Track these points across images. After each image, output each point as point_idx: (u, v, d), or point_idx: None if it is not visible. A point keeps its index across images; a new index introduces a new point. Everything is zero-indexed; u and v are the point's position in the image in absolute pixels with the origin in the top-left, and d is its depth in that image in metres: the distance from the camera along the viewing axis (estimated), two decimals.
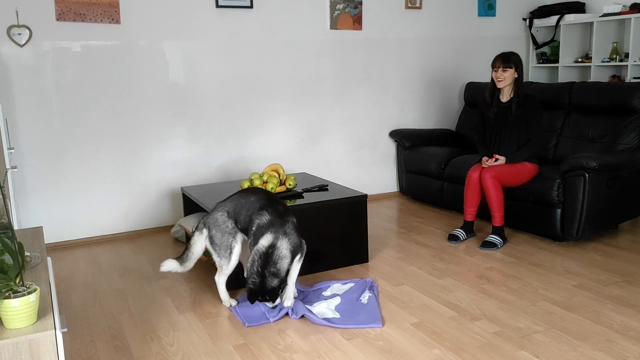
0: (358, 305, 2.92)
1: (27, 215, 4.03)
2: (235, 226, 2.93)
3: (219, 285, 3.00)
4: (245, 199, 2.95)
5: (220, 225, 2.91)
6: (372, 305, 2.90)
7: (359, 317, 2.78)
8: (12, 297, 1.47)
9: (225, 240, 2.90)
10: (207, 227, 2.94)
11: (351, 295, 3.04)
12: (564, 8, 5.45)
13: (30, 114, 3.96)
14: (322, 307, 2.92)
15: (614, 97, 4.16)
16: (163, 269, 2.97)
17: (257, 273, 2.73)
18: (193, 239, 2.98)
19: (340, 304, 2.94)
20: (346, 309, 2.88)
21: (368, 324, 2.71)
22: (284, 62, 4.72)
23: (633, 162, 3.83)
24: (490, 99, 4.01)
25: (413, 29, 5.22)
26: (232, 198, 3.00)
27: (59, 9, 3.90)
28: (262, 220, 2.81)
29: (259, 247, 2.76)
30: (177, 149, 4.43)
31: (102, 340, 2.69)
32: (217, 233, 2.91)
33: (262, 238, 2.77)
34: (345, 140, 5.10)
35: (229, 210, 2.95)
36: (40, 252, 2.09)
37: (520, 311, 2.83)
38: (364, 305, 2.91)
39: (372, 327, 2.69)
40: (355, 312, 2.84)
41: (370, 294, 3.02)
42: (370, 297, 2.99)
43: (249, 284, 2.75)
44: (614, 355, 2.39)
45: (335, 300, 2.98)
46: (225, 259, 2.91)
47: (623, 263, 3.47)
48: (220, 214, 2.94)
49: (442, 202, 4.77)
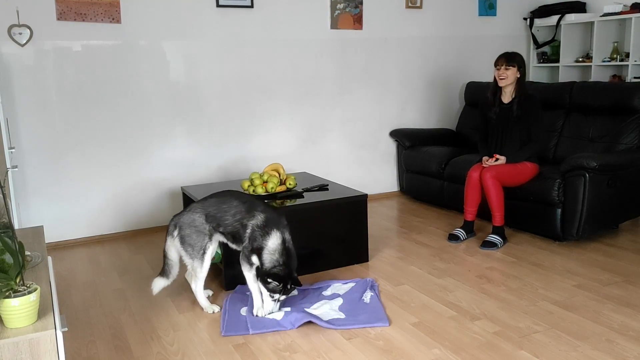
0: (361, 304, 2.92)
1: (28, 214, 4.04)
2: (214, 229, 2.90)
3: (196, 293, 2.95)
4: (227, 204, 2.91)
5: (196, 226, 2.88)
6: (376, 304, 2.90)
7: (363, 316, 2.78)
8: (12, 297, 1.47)
9: (200, 241, 2.87)
10: (178, 228, 2.90)
11: (353, 295, 3.03)
12: (564, 7, 5.44)
13: (31, 114, 3.96)
14: (325, 308, 2.89)
15: (615, 97, 4.16)
16: (155, 291, 2.97)
17: (282, 264, 2.74)
18: (166, 245, 2.95)
19: (344, 304, 2.93)
20: (350, 309, 2.87)
21: (373, 323, 2.70)
22: (285, 61, 4.72)
23: (633, 162, 3.83)
24: (492, 98, 4.01)
25: (414, 28, 5.22)
26: (211, 202, 2.95)
27: (59, 9, 3.90)
28: (257, 221, 2.81)
29: (271, 247, 2.75)
30: (177, 148, 4.44)
31: (102, 339, 2.69)
32: (191, 233, 2.87)
33: (269, 238, 2.76)
34: (345, 140, 5.10)
35: (207, 214, 2.90)
36: (41, 251, 2.10)
37: (520, 311, 2.83)
38: (367, 305, 2.90)
39: (378, 326, 2.69)
40: (359, 311, 2.84)
41: (372, 293, 3.03)
42: (373, 297, 2.99)
43: (274, 272, 2.72)
44: (614, 355, 2.39)
45: (337, 300, 2.97)
46: (198, 260, 2.87)
47: (623, 263, 3.47)
48: (198, 215, 2.90)
49: (443, 202, 4.77)
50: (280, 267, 2.75)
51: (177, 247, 2.92)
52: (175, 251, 2.94)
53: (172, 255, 2.95)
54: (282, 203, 3.44)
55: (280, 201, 3.48)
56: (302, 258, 3.42)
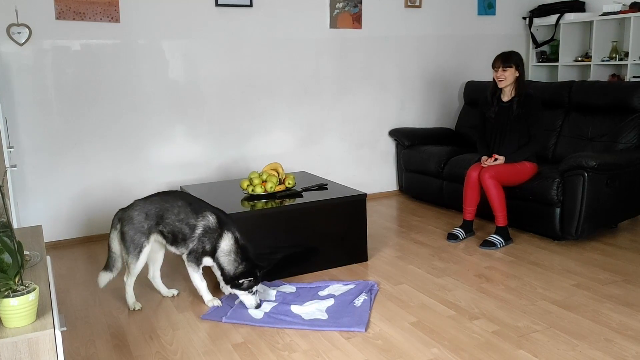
0: (350, 308, 2.88)
1: (27, 214, 4.03)
2: (154, 228, 2.92)
3: (126, 286, 2.99)
4: (171, 203, 2.92)
5: (135, 223, 2.89)
6: (363, 309, 2.86)
7: (344, 319, 2.75)
8: (11, 296, 1.47)
9: (138, 238, 2.89)
10: (121, 222, 2.93)
11: (347, 297, 3.00)
12: (563, 7, 5.44)
13: (30, 113, 3.96)
14: (312, 307, 2.89)
15: (614, 96, 4.16)
16: (101, 285, 3.02)
17: (241, 262, 2.82)
18: (110, 237, 2.99)
19: (332, 306, 2.91)
20: (336, 311, 2.85)
21: (350, 327, 2.66)
22: (284, 60, 4.72)
23: (632, 162, 3.83)
24: (491, 98, 4.01)
25: (413, 27, 5.22)
26: (153, 200, 2.96)
27: (58, 8, 3.90)
28: (209, 222, 2.85)
29: (225, 248, 2.83)
30: (176, 147, 4.43)
31: (101, 339, 2.69)
32: (129, 230, 2.89)
33: (222, 240, 2.83)
34: (344, 139, 5.10)
35: (148, 212, 2.92)
36: (40, 250, 2.09)
37: (519, 310, 2.84)
38: (355, 309, 2.87)
39: (353, 330, 2.65)
40: (344, 314, 2.81)
41: (365, 297, 2.98)
42: (365, 301, 2.94)
43: (239, 272, 2.81)
44: (613, 354, 2.39)
45: (328, 301, 2.95)
46: (133, 257, 2.90)
47: (622, 262, 3.47)
48: (137, 212, 2.92)
49: (442, 201, 4.78)
50: (241, 265, 2.82)
51: (119, 240, 2.96)
52: (117, 244, 2.97)
53: (115, 248, 2.99)
54: (281, 203, 3.44)
55: (280, 200, 3.48)
56: (301, 258, 3.43)
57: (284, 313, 2.84)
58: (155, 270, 3.17)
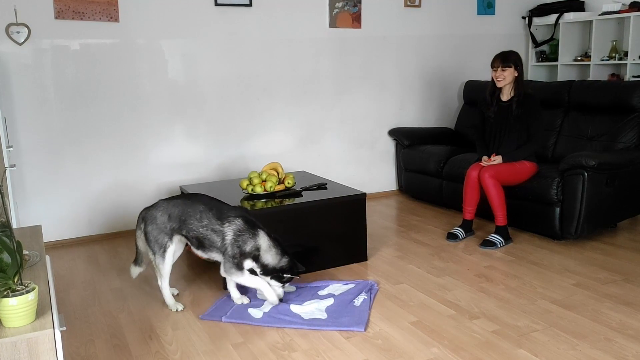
0: (350, 307, 2.88)
1: (26, 213, 4.03)
2: (177, 230, 2.91)
3: (162, 289, 2.98)
4: (193, 208, 2.90)
5: (158, 223, 2.90)
6: (362, 308, 2.86)
7: (343, 319, 2.74)
8: (10, 296, 1.47)
9: (161, 238, 2.90)
10: (144, 222, 2.95)
11: (346, 297, 3.00)
12: (563, 6, 5.45)
13: (29, 112, 3.95)
14: (312, 307, 2.89)
15: (613, 96, 4.16)
16: (133, 276, 3.12)
17: (283, 255, 2.87)
18: (136, 235, 3.03)
19: (332, 305, 2.91)
20: (335, 311, 2.84)
21: (350, 327, 2.66)
22: (283, 60, 4.71)
23: (632, 161, 3.83)
24: (491, 98, 4.01)
25: (412, 27, 5.22)
26: (177, 202, 2.95)
27: (57, 7, 3.89)
28: (237, 226, 2.83)
29: (266, 246, 2.84)
30: (176, 147, 4.43)
31: (101, 339, 2.69)
32: (153, 230, 2.90)
33: (259, 239, 2.83)
34: (344, 139, 5.10)
35: (171, 213, 2.91)
36: (39, 250, 2.09)
37: (519, 310, 2.84)
38: (355, 308, 2.87)
39: (353, 330, 2.65)
40: (344, 314, 2.80)
41: (365, 297, 2.98)
42: (364, 300, 2.94)
43: (284, 266, 2.86)
44: (613, 353, 2.39)
45: (328, 301, 2.95)
46: (159, 257, 2.91)
47: (622, 261, 3.47)
48: (161, 213, 2.92)
49: (441, 201, 4.77)
50: (284, 258, 2.86)
51: (143, 240, 2.99)
52: (143, 241, 3.00)
53: (141, 246, 3.02)
54: (281, 202, 3.44)
55: (279, 200, 3.48)
56: (300, 257, 3.42)
57: (283, 312, 2.84)
58: None
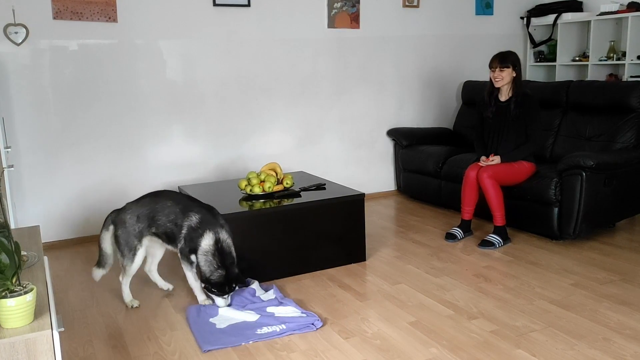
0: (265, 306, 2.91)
1: (24, 214, 4.02)
2: (146, 230, 2.93)
3: (123, 285, 3.04)
4: (161, 204, 2.94)
5: (127, 227, 2.92)
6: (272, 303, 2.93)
7: (292, 324, 2.71)
8: (8, 297, 1.47)
9: (131, 241, 2.93)
10: (114, 225, 2.97)
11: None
12: (561, 7, 5.45)
13: (27, 113, 3.95)
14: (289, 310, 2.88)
15: (611, 96, 4.16)
16: (96, 279, 3.10)
17: (219, 267, 2.81)
18: (101, 236, 3.03)
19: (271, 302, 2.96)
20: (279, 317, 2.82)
21: (308, 326, 2.69)
22: (282, 60, 4.71)
23: (630, 161, 3.84)
24: (489, 98, 4.01)
25: (411, 27, 5.22)
26: (144, 202, 2.99)
27: (55, 8, 3.89)
28: (191, 222, 2.85)
29: (204, 248, 2.81)
30: (174, 147, 4.43)
31: (99, 339, 2.69)
32: (122, 233, 2.93)
33: (202, 239, 2.81)
34: (343, 139, 5.10)
35: (139, 214, 2.94)
36: (37, 251, 2.09)
37: (517, 310, 2.84)
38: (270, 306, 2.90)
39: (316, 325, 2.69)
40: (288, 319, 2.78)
41: (271, 297, 3.01)
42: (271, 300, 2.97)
43: (214, 280, 2.81)
44: (611, 353, 2.40)
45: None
46: (128, 259, 2.94)
47: (620, 262, 3.47)
48: (130, 216, 2.94)
49: (440, 201, 4.78)
50: (218, 271, 2.81)
51: (112, 243, 3.00)
52: (108, 244, 3.01)
53: (105, 247, 3.02)
54: (280, 203, 3.44)
55: (278, 200, 3.48)
56: (299, 257, 3.42)
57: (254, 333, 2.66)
58: (152, 264, 3.22)
